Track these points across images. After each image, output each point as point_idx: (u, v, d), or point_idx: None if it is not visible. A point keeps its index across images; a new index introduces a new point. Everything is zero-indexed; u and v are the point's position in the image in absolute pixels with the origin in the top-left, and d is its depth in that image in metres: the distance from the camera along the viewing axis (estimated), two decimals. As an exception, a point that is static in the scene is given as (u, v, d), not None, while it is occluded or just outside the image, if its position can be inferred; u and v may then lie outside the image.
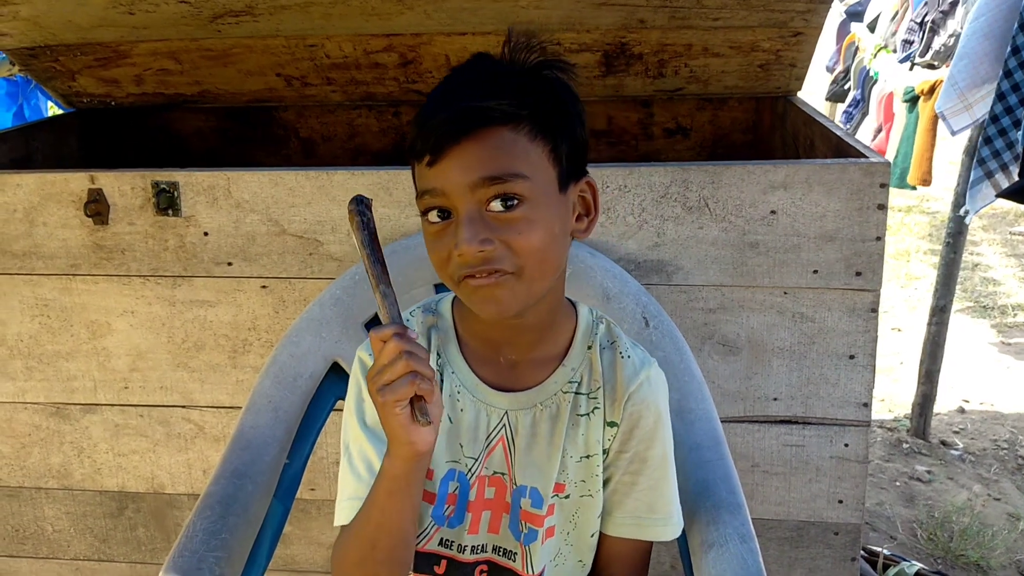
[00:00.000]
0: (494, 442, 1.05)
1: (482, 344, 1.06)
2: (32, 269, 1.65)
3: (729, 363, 1.57)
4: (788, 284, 1.53)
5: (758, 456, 1.61)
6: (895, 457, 2.88)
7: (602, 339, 1.08)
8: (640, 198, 1.51)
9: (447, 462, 1.05)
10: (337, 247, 1.58)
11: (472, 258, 0.90)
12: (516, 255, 0.91)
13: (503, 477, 1.05)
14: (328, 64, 2.14)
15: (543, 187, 0.93)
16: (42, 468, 1.77)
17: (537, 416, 1.05)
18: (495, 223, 0.91)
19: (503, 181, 0.90)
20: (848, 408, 1.57)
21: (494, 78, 0.93)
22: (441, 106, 0.91)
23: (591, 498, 1.07)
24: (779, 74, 2.09)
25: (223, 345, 1.66)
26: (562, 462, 1.05)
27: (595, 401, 1.05)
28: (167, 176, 1.58)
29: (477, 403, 1.05)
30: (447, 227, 0.92)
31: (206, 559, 1.12)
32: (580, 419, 1.05)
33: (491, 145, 0.89)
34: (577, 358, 1.06)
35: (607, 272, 1.47)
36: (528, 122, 0.91)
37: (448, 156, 0.89)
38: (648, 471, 1.07)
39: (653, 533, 1.08)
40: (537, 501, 1.04)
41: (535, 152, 0.92)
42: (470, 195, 0.90)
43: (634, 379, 1.05)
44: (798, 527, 1.64)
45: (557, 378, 1.05)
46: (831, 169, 1.48)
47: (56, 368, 1.70)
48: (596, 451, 1.05)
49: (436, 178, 0.90)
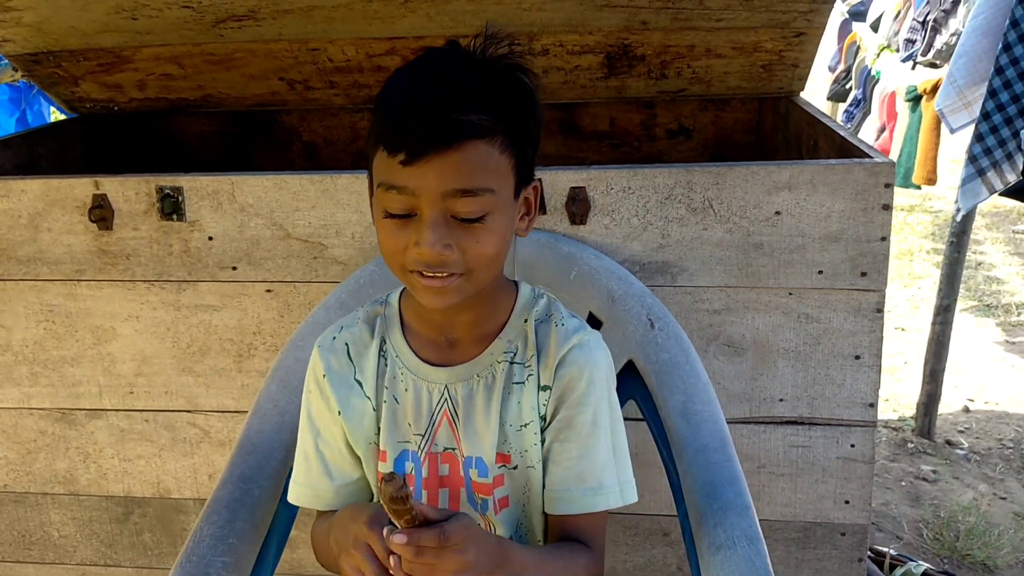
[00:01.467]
0: (438, 417, 1.07)
1: (425, 326, 1.09)
2: (37, 275, 1.65)
3: (734, 364, 1.57)
4: (793, 285, 1.53)
5: (764, 457, 1.61)
6: (900, 457, 2.88)
7: (540, 313, 1.10)
8: (644, 200, 1.51)
9: (398, 442, 1.08)
10: (342, 250, 1.58)
11: (432, 259, 0.94)
12: (470, 260, 0.95)
13: (454, 452, 1.07)
14: (331, 68, 2.14)
15: (505, 197, 0.96)
16: (48, 474, 1.77)
17: (474, 387, 1.07)
18: (457, 229, 0.94)
19: (474, 195, 0.93)
20: (854, 409, 1.57)
21: (474, 85, 0.93)
22: (420, 106, 0.91)
23: (534, 469, 1.07)
24: (782, 74, 2.09)
25: (228, 349, 1.66)
26: (502, 432, 1.06)
27: (529, 369, 1.07)
28: (171, 181, 1.59)
29: (418, 381, 1.08)
30: (408, 222, 0.94)
31: (213, 564, 1.12)
32: (515, 387, 1.07)
33: (469, 158, 0.91)
34: (513, 331, 1.08)
35: (612, 274, 1.47)
36: (502, 136, 0.94)
37: (425, 162, 0.90)
38: (577, 437, 1.05)
39: (583, 504, 1.05)
40: (483, 470, 1.06)
41: (503, 165, 0.95)
42: (440, 201, 0.92)
43: (566, 343, 1.06)
44: (805, 528, 1.63)
45: (493, 349, 1.08)
46: (835, 169, 1.47)
47: (61, 374, 1.70)
48: (532, 418, 1.06)
49: (409, 178, 0.92)
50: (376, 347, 1.10)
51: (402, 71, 0.96)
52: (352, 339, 1.11)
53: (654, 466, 1.40)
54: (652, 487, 1.47)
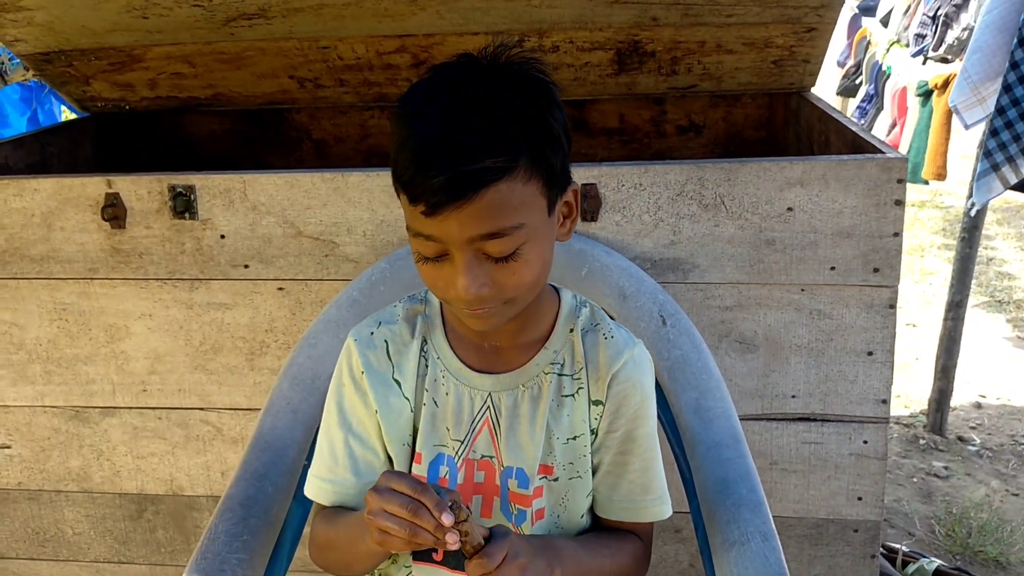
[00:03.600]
0: (479, 425, 1.06)
1: (468, 330, 1.07)
2: (50, 273, 1.66)
3: (747, 361, 1.57)
4: (805, 281, 1.52)
5: (776, 454, 1.61)
6: (912, 453, 2.87)
7: (584, 322, 1.09)
8: (656, 196, 1.51)
9: (434, 446, 1.07)
10: (353, 248, 1.59)
11: (471, 301, 0.93)
12: (509, 292, 0.94)
13: (491, 460, 1.06)
14: (341, 66, 2.14)
15: (537, 223, 0.94)
16: (62, 471, 1.78)
17: (519, 397, 1.06)
18: (491, 266, 0.92)
19: (502, 235, 0.91)
20: (867, 405, 1.56)
21: (486, 121, 0.89)
22: (430, 163, 0.87)
23: (580, 479, 1.08)
24: (792, 70, 2.08)
25: (240, 347, 1.66)
26: (548, 443, 1.06)
27: (579, 382, 1.07)
28: (183, 180, 1.59)
29: (460, 386, 1.06)
30: (443, 262, 0.93)
31: (228, 561, 1.13)
32: (565, 400, 1.06)
33: (489, 204, 0.89)
34: (559, 341, 1.08)
35: (623, 271, 1.47)
36: (523, 166, 0.91)
37: (445, 214, 0.88)
38: (639, 451, 1.08)
39: (650, 514, 1.10)
40: (523, 482, 1.06)
41: (529, 192, 0.92)
42: (468, 245, 0.91)
43: (618, 359, 1.06)
44: (817, 524, 1.63)
45: (539, 360, 1.07)
46: (848, 165, 1.47)
47: (75, 372, 1.71)
48: (583, 431, 1.07)
49: (433, 228, 0.90)
50: (417, 347, 1.07)
51: (411, 108, 0.91)
52: (392, 337, 1.08)
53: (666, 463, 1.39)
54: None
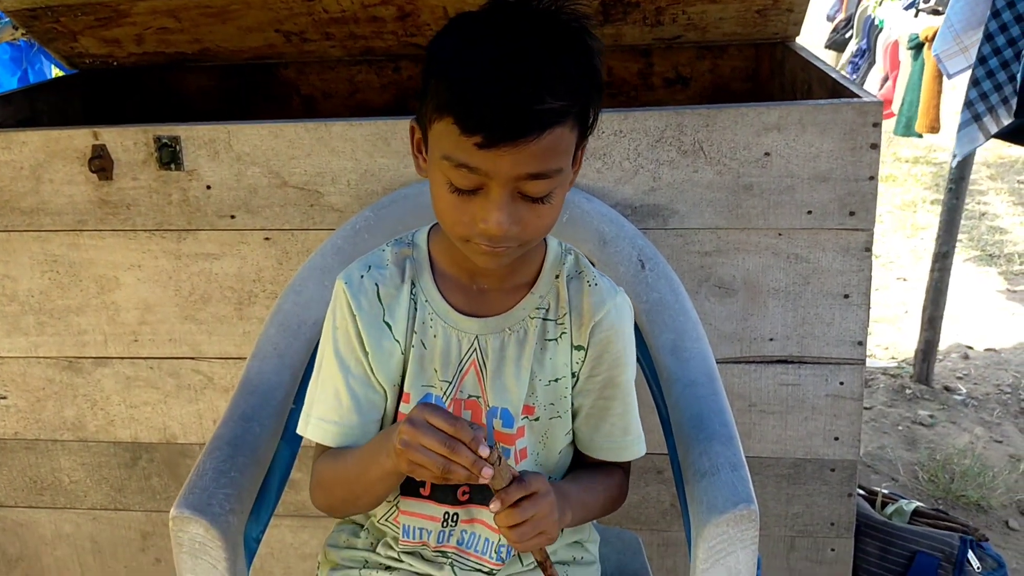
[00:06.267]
0: (466, 366, 1.09)
1: (457, 272, 1.10)
2: (40, 226, 1.68)
3: (725, 305, 1.60)
4: (783, 225, 1.55)
5: (755, 396, 1.64)
6: (898, 403, 2.91)
7: (570, 269, 1.12)
8: (635, 143, 1.53)
9: (423, 386, 1.10)
10: (337, 198, 1.61)
11: (498, 236, 0.95)
12: (529, 233, 0.97)
13: (478, 400, 1.10)
14: (326, 19, 2.14)
15: (567, 169, 0.97)
16: (57, 421, 1.81)
17: (505, 340, 1.09)
18: (521, 206, 0.95)
19: (546, 177, 0.93)
20: (843, 347, 1.59)
21: (551, 65, 0.90)
22: (498, 94, 0.87)
23: (559, 419, 1.12)
24: (777, 19, 2.08)
25: (229, 297, 1.69)
26: (531, 385, 1.09)
27: (562, 327, 1.10)
28: (168, 131, 1.61)
29: (448, 328, 1.09)
30: (473, 196, 0.94)
31: (216, 496, 1.16)
32: (548, 343, 1.10)
33: (544, 146, 0.90)
34: (545, 286, 1.11)
35: (603, 217, 1.49)
36: (573, 115, 0.93)
37: (502, 150, 0.89)
38: (620, 396, 1.13)
39: (630, 453, 1.16)
40: (508, 421, 1.09)
41: (571, 141, 0.95)
42: (511, 182, 0.92)
43: (601, 307, 1.10)
44: (795, 464, 1.67)
45: (525, 304, 1.10)
46: (824, 109, 1.49)
47: (67, 323, 1.74)
48: (564, 374, 1.11)
49: (482, 161, 0.91)
50: (407, 290, 1.09)
51: (464, 35, 0.92)
52: (381, 280, 1.09)
53: (646, 405, 1.42)
54: (645, 426, 1.49)
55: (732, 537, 1.09)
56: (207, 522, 1.12)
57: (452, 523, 1.12)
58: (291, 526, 1.84)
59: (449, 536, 1.12)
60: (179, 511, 1.13)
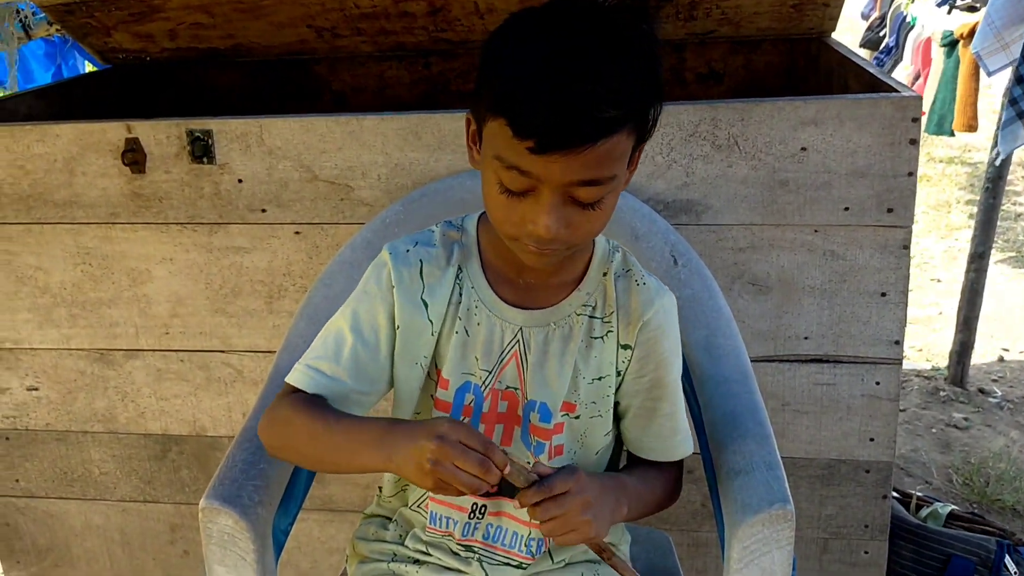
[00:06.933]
0: (507, 357, 1.08)
1: (504, 265, 1.08)
2: (73, 218, 1.69)
3: (759, 302, 1.57)
4: (819, 222, 1.52)
5: (788, 395, 1.62)
6: (932, 405, 2.86)
7: (617, 267, 1.11)
8: (668, 137, 1.51)
9: (463, 373, 1.08)
10: (368, 192, 1.60)
11: (546, 240, 0.93)
12: (578, 237, 0.95)
13: (515, 392, 1.09)
14: (358, 14, 2.14)
15: (622, 174, 0.95)
16: (88, 412, 1.82)
17: (550, 334, 1.08)
18: (572, 210, 0.93)
19: (598, 184, 0.91)
20: (880, 346, 1.57)
21: (610, 70, 0.86)
22: (555, 101, 0.84)
23: (600, 419, 1.11)
24: (812, 14, 2.05)
25: (259, 291, 1.69)
26: (574, 382, 1.08)
27: (608, 325, 1.09)
28: (201, 124, 1.61)
29: (493, 318, 1.08)
30: (524, 198, 0.93)
31: (245, 487, 1.16)
32: (594, 341, 1.08)
33: (599, 154, 0.88)
34: (592, 283, 1.09)
35: (635, 212, 1.47)
36: (632, 121, 0.90)
37: (555, 156, 0.87)
38: (668, 396, 1.12)
39: (679, 452, 1.15)
40: (545, 416, 1.08)
41: (627, 148, 0.92)
42: (562, 187, 0.91)
43: (649, 306, 1.08)
44: (829, 465, 1.64)
45: (572, 301, 1.08)
46: (862, 104, 1.46)
47: (99, 315, 1.75)
48: (609, 372, 1.09)
49: (533, 165, 0.88)
50: (453, 274, 1.08)
51: (519, 32, 0.89)
52: (427, 258, 1.07)
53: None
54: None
55: (767, 537, 1.07)
56: (237, 514, 1.12)
57: (479, 515, 1.11)
58: (318, 520, 1.83)
59: (474, 530, 1.11)
60: (209, 502, 1.13)
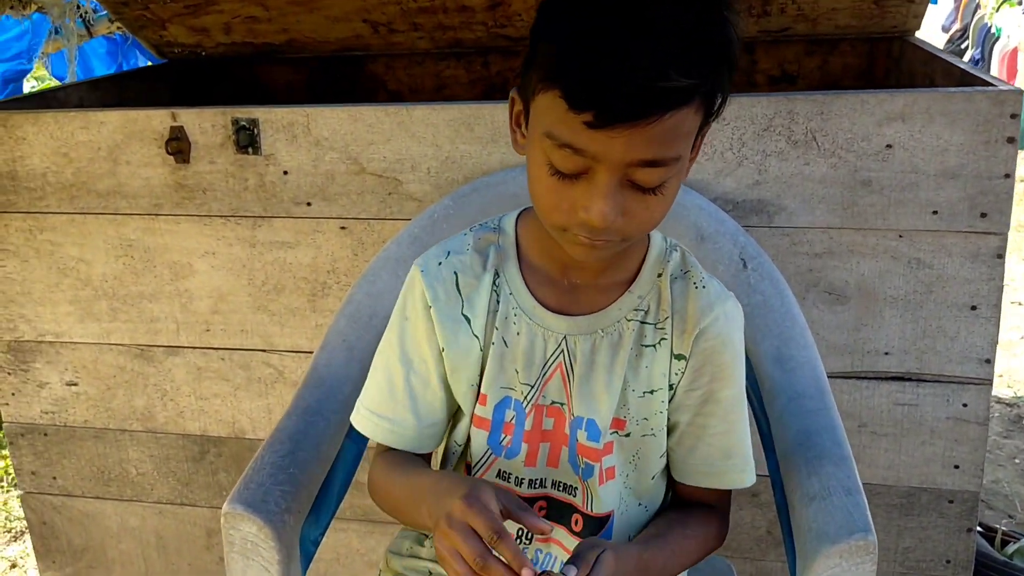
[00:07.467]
0: (551, 369, 0.98)
1: (548, 264, 0.98)
2: (116, 209, 1.64)
3: (836, 313, 1.45)
4: (904, 226, 1.39)
5: (866, 415, 1.49)
6: (1014, 434, 2.68)
7: (674, 268, 0.99)
8: (740, 131, 1.40)
9: (501, 388, 0.99)
10: (416, 186, 1.52)
11: (601, 228, 0.82)
12: (635, 227, 0.85)
13: (562, 408, 0.98)
14: (415, 8, 2.07)
15: (686, 157, 0.84)
16: (127, 410, 1.77)
17: (597, 343, 0.97)
18: (629, 195, 0.82)
19: (662, 165, 0.80)
20: (968, 364, 1.43)
21: (679, 37, 0.76)
22: (618, 70, 0.75)
23: (654, 437, 0.99)
24: (896, 11, 1.92)
25: (302, 288, 1.62)
26: (623, 396, 0.97)
27: (662, 332, 0.97)
28: (247, 113, 1.55)
29: (533, 327, 0.97)
30: (576, 181, 0.82)
31: (272, 492, 1.08)
32: (645, 350, 0.97)
33: (664, 129, 0.77)
34: (645, 285, 0.98)
35: (701, 211, 1.37)
36: (701, 95, 0.80)
37: (616, 130, 0.77)
38: (721, 413, 0.99)
39: (730, 480, 1.01)
40: (594, 434, 0.97)
41: (693, 125, 0.82)
42: (622, 168, 0.80)
43: (708, 312, 0.96)
44: (908, 493, 1.51)
45: (622, 304, 0.97)
46: (955, 98, 1.33)
47: (140, 310, 1.70)
48: (661, 386, 0.97)
49: (590, 142, 0.78)
50: (489, 281, 0.98)
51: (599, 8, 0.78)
52: (461, 268, 0.99)
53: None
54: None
55: (845, 571, 0.95)
56: (261, 520, 1.04)
57: (526, 540, 1.01)
58: (358, 531, 1.75)
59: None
60: (232, 507, 1.05)
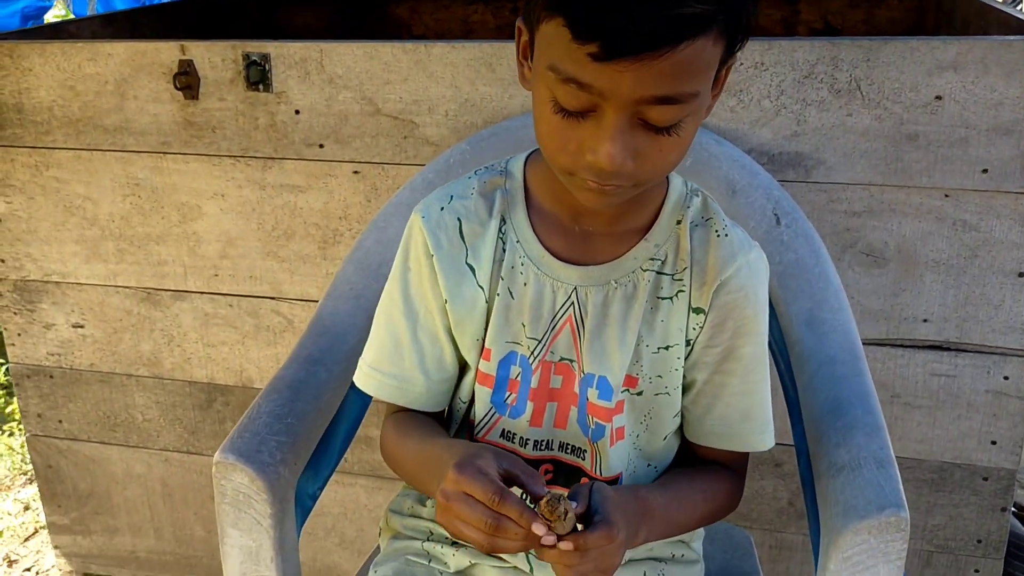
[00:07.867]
0: (560, 323, 0.91)
1: (558, 210, 0.91)
2: (123, 146, 1.58)
3: (873, 276, 1.37)
4: (951, 185, 1.30)
5: (900, 386, 1.41)
6: (1051, 413, 2.58)
7: (695, 214, 0.91)
8: (779, 78, 1.31)
9: (507, 342, 0.92)
10: (433, 129, 1.45)
11: (609, 170, 0.75)
12: (648, 171, 0.77)
13: (571, 364, 0.91)
14: (441, -53, 1.99)
15: (704, 95, 0.76)
16: (133, 355, 1.73)
17: (610, 295, 0.90)
18: (642, 136, 0.74)
19: (677, 102, 0.72)
20: (1012, 335, 1.34)
21: None
22: None
23: (667, 396, 0.92)
24: (950, -41, 1.82)
25: (313, 234, 1.56)
26: (636, 351, 0.90)
27: (680, 283, 0.90)
28: (258, 47, 1.48)
29: (542, 277, 0.91)
30: (583, 120, 0.75)
31: (267, 442, 1.02)
32: (661, 303, 0.90)
33: (679, 61, 0.70)
34: (663, 233, 0.90)
35: (734, 162, 1.28)
36: (718, 24, 0.72)
37: (623, 64, 0.70)
38: (741, 372, 0.92)
39: (747, 443, 0.95)
40: (605, 392, 0.90)
41: (712, 58, 0.74)
42: (631, 106, 0.72)
43: (731, 262, 0.89)
44: (941, 468, 1.43)
45: (637, 254, 0.90)
46: (1013, 47, 1.24)
47: (147, 252, 1.64)
48: (677, 341, 0.90)
49: (597, 77, 0.71)
50: (495, 227, 0.92)
51: None
52: (465, 214, 0.92)
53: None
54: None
55: (874, 548, 0.88)
56: (253, 471, 0.99)
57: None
58: (366, 486, 1.71)
59: None
60: (224, 456, 1.00)
